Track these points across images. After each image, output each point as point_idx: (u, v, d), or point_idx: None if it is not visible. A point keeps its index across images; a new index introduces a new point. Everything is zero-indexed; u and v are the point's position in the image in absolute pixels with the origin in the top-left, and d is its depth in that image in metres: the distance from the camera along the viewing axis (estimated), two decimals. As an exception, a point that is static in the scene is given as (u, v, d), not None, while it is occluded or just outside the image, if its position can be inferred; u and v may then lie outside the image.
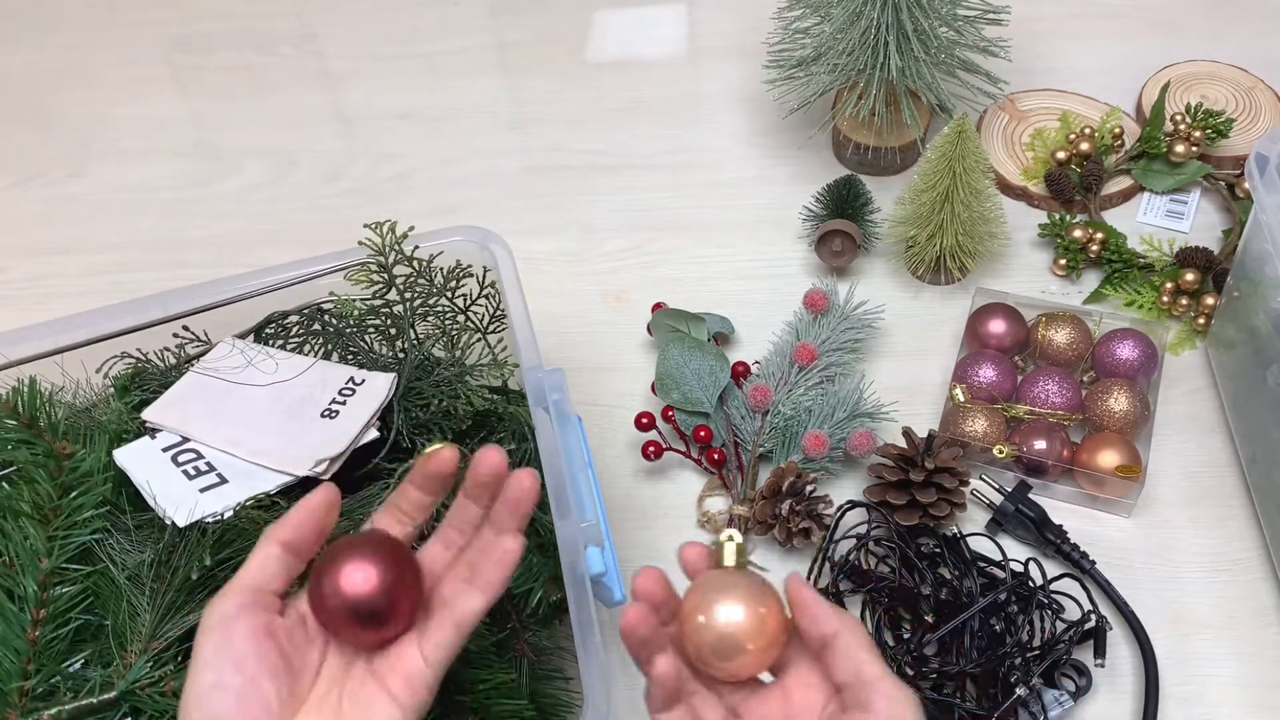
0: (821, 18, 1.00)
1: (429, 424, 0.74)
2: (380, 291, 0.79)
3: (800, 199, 1.04)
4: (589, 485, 0.69)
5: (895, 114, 1.03)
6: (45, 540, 0.61)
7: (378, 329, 0.80)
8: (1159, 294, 0.96)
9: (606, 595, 0.67)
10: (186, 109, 1.25)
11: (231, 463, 0.72)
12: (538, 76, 1.23)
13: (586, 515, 0.68)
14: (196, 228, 1.12)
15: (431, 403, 0.74)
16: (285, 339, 0.82)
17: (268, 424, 0.74)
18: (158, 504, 0.67)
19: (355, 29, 1.30)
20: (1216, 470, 0.88)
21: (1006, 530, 0.85)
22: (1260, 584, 0.82)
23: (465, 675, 0.67)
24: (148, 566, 0.64)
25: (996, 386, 0.89)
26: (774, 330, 0.96)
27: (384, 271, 0.78)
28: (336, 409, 0.75)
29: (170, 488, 0.69)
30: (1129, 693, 0.78)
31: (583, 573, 0.65)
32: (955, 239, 0.94)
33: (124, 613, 0.63)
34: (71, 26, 1.34)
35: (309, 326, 0.81)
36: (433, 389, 0.75)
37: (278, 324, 0.81)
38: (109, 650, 0.62)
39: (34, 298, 1.08)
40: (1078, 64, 1.16)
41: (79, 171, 1.19)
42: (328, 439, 0.72)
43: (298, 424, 0.74)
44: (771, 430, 0.89)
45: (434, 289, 0.80)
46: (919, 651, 0.78)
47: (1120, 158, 1.05)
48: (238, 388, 0.77)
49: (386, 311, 0.80)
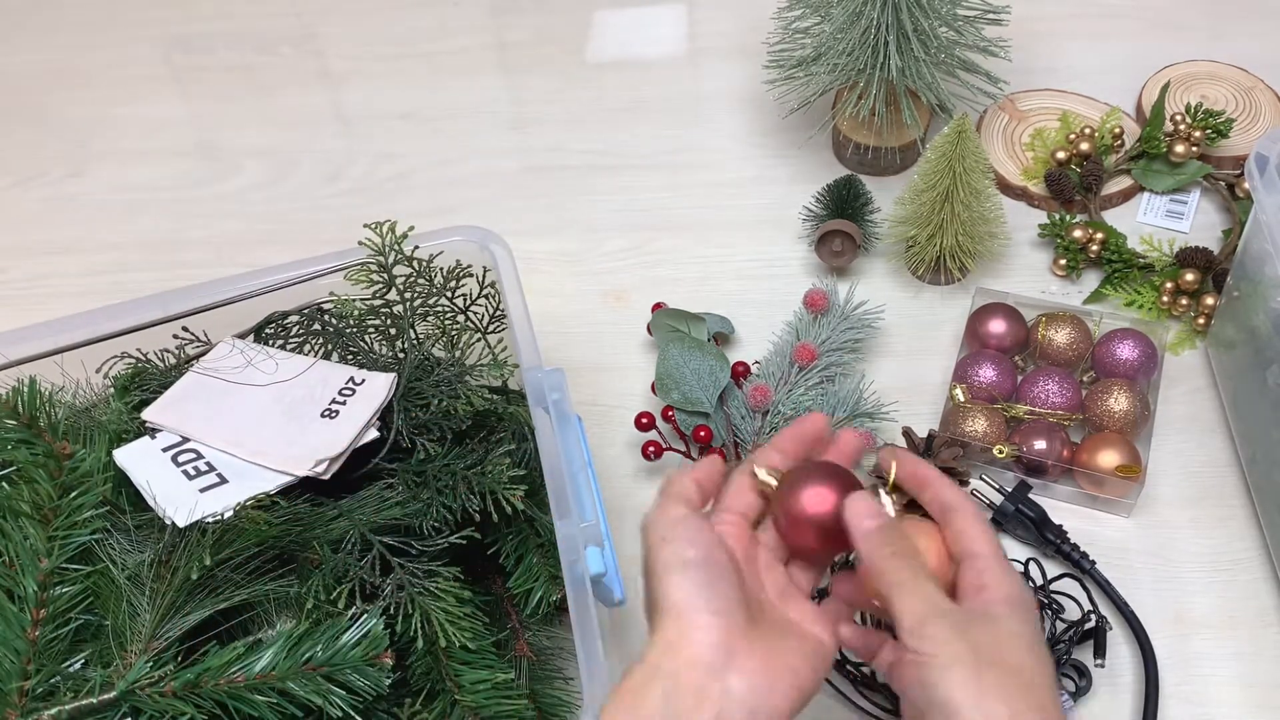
0: (821, 18, 1.00)
1: (429, 424, 0.74)
2: (380, 291, 0.79)
3: (800, 199, 1.04)
4: (589, 485, 0.69)
5: (895, 114, 1.03)
6: (45, 540, 0.61)
7: (378, 329, 0.80)
8: (1159, 294, 0.96)
9: (606, 595, 0.67)
10: (186, 109, 1.25)
11: (231, 463, 0.72)
12: (538, 76, 1.23)
13: (586, 515, 0.68)
14: (196, 228, 1.12)
15: (431, 403, 0.74)
16: (285, 339, 0.82)
17: (268, 424, 0.74)
18: (158, 504, 0.68)
19: (355, 29, 1.30)
20: (1216, 470, 0.88)
21: (1006, 530, 0.85)
22: (1260, 584, 0.82)
23: (465, 675, 0.67)
24: (148, 566, 0.64)
25: (996, 386, 0.89)
26: (774, 330, 0.96)
27: (384, 271, 0.78)
28: (336, 409, 0.75)
29: (170, 488, 0.69)
30: (1129, 693, 0.78)
31: (583, 573, 0.65)
32: (955, 239, 0.94)
33: (124, 613, 0.63)
34: (71, 26, 1.34)
35: (309, 327, 0.81)
36: (433, 389, 0.75)
37: (278, 324, 0.81)
38: (109, 650, 0.62)
39: (34, 298, 1.08)
40: (1078, 64, 1.16)
41: (79, 171, 1.19)
42: (328, 439, 0.72)
43: (297, 424, 0.74)
44: (771, 430, 0.89)
45: (434, 289, 0.80)
46: (919, 651, 0.78)
47: (1120, 158, 1.05)
48: (237, 388, 0.77)
49: (386, 311, 0.80)
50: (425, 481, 0.72)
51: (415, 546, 0.69)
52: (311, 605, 0.65)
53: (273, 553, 0.68)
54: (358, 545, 0.68)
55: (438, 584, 0.68)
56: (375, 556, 0.68)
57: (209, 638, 0.64)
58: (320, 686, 0.60)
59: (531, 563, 0.72)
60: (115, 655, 0.61)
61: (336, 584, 0.66)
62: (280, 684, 0.60)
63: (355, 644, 0.62)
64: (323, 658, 0.61)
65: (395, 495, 0.72)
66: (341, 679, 0.61)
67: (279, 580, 0.67)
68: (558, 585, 0.71)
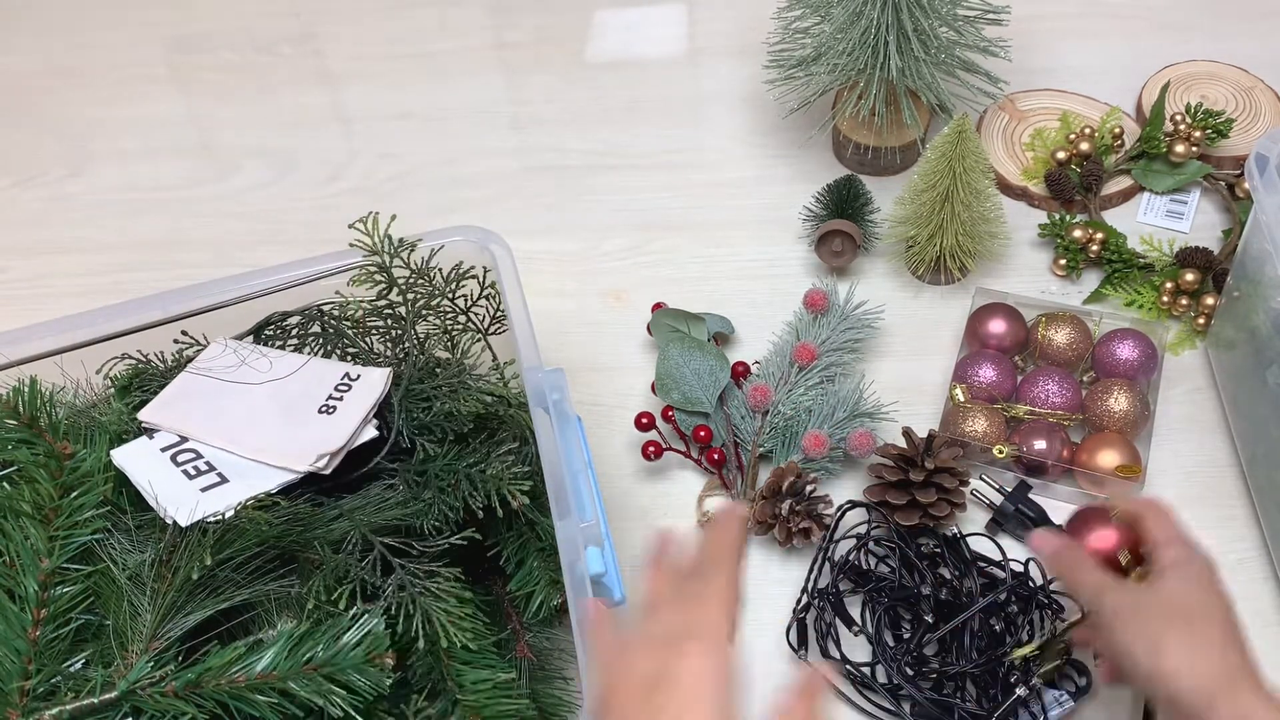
0: (821, 18, 1.00)
1: (430, 425, 0.74)
2: (383, 292, 0.79)
3: (800, 199, 1.04)
4: (589, 485, 0.69)
5: (895, 114, 1.03)
6: (46, 540, 0.61)
7: (380, 330, 0.80)
8: (1159, 294, 0.96)
9: (606, 595, 0.68)
10: (186, 109, 1.25)
11: (231, 461, 0.72)
12: (538, 76, 1.23)
13: (586, 515, 0.68)
14: (196, 228, 1.12)
15: (434, 404, 0.74)
16: (285, 339, 0.82)
17: (265, 421, 0.74)
18: (159, 504, 0.68)
19: (355, 29, 1.30)
20: (1216, 470, 0.88)
21: (1006, 530, 0.85)
22: (1260, 584, 0.82)
23: (466, 675, 0.67)
24: (148, 566, 0.64)
25: (996, 386, 0.89)
26: (774, 330, 0.96)
27: (384, 272, 0.78)
28: (334, 404, 0.75)
29: (171, 488, 0.69)
30: (1129, 692, 0.77)
31: (583, 573, 0.65)
32: (955, 239, 0.94)
33: (125, 613, 0.63)
34: (71, 27, 1.34)
35: (308, 328, 0.81)
36: (434, 390, 0.75)
37: (277, 325, 0.81)
38: (110, 650, 0.62)
39: (34, 298, 1.08)
40: (1078, 64, 1.16)
41: (79, 171, 1.19)
42: (327, 434, 0.72)
43: (295, 420, 0.74)
44: (771, 430, 0.89)
45: (435, 290, 0.80)
46: (919, 651, 0.78)
47: (1120, 158, 1.05)
48: (232, 387, 0.77)
49: (389, 313, 0.80)
50: (427, 481, 0.72)
51: (416, 547, 0.69)
52: (313, 605, 0.65)
53: (274, 553, 0.68)
54: (359, 546, 0.68)
55: (438, 584, 0.68)
56: (376, 557, 0.68)
57: (210, 638, 0.65)
58: (321, 687, 0.60)
59: (532, 566, 0.73)
60: (116, 655, 0.62)
61: (338, 584, 0.66)
62: (281, 684, 0.60)
63: (356, 644, 0.62)
64: (323, 657, 0.61)
65: (396, 495, 0.72)
66: (343, 679, 0.61)
67: (280, 580, 0.67)
68: (558, 590, 0.71)
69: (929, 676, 0.77)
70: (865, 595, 0.81)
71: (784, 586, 0.84)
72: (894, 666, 0.77)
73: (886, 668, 0.77)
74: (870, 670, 0.79)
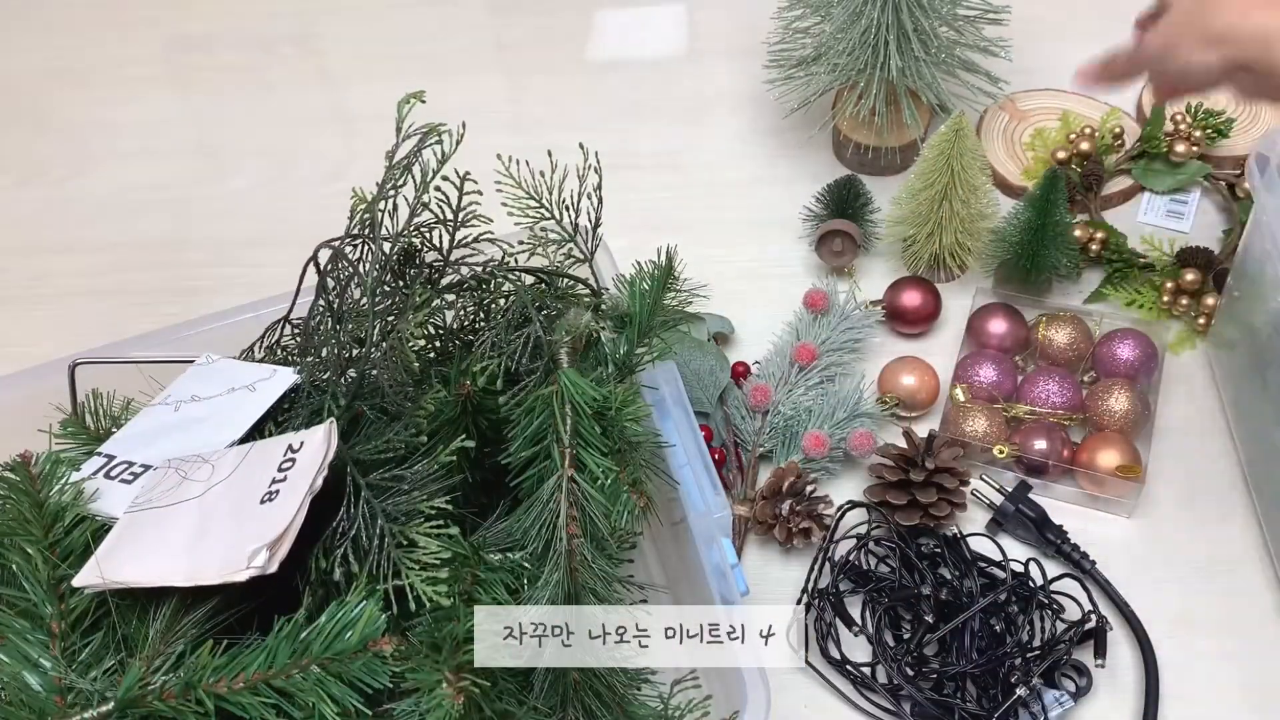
0: (821, 17, 1.00)
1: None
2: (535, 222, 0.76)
3: (800, 199, 1.04)
4: (711, 476, 0.69)
5: (895, 114, 1.03)
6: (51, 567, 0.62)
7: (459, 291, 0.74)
8: (1159, 294, 0.96)
9: (736, 587, 0.67)
10: (186, 109, 1.25)
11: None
12: (538, 76, 1.23)
13: (715, 508, 0.67)
14: (196, 228, 1.12)
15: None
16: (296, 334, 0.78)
17: (214, 532, 0.64)
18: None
19: (355, 29, 1.30)
20: (1216, 470, 0.88)
21: (1006, 530, 0.85)
22: (1260, 584, 0.82)
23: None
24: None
25: (997, 386, 0.89)
26: (774, 330, 0.96)
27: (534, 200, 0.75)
28: (276, 489, 0.64)
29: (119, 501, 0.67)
30: (1129, 693, 0.78)
31: (723, 565, 0.65)
32: (954, 236, 0.94)
33: (134, 619, 0.62)
34: (71, 26, 1.34)
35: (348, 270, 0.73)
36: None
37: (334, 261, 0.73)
38: (125, 656, 0.62)
39: (34, 298, 1.08)
40: (1078, 64, 1.16)
41: (79, 171, 1.19)
42: (261, 529, 0.62)
43: (242, 519, 0.64)
44: (771, 430, 0.89)
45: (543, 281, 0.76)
46: (919, 651, 0.78)
47: (1120, 158, 1.05)
48: (174, 509, 0.66)
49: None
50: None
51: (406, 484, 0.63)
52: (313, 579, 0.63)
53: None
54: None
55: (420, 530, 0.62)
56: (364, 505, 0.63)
57: (208, 638, 0.64)
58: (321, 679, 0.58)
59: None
60: (133, 659, 0.61)
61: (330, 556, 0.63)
62: (280, 684, 0.59)
63: (346, 627, 0.58)
64: (319, 650, 0.59)
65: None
66: (335, 670, 0.59)
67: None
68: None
69: (929, 677, 0.77)
70: (865, 595, 0.81)
71: (784, 587, 0.84)
72: (894, 667, 0.77)
73: (886, 668, 0.77)
74: (870, 670, 0.79)
